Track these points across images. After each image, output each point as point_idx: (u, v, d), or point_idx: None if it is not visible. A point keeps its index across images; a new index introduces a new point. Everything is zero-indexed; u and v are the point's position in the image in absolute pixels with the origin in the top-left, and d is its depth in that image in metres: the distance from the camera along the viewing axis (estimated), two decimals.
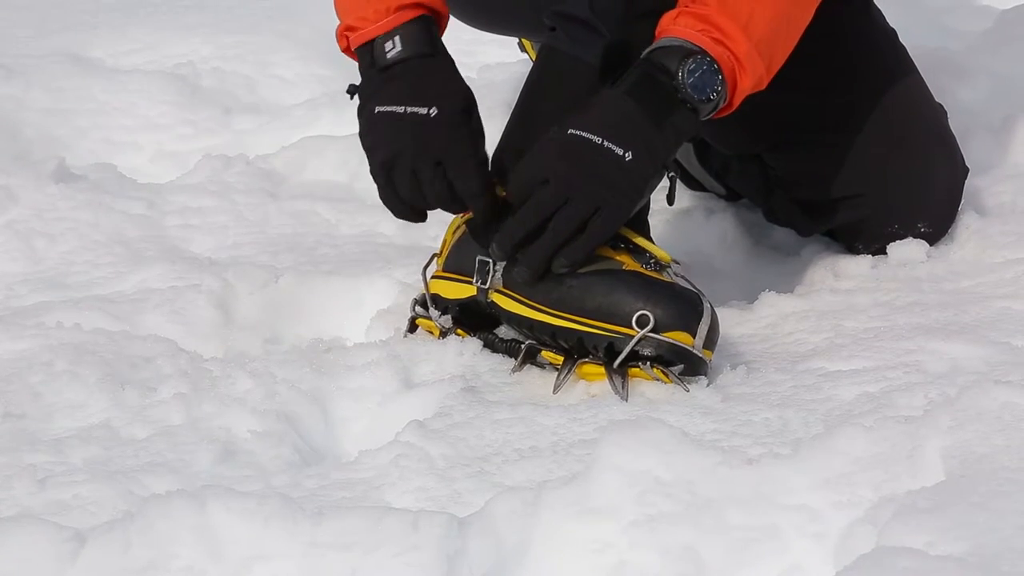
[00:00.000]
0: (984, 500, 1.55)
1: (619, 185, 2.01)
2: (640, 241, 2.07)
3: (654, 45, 2.06)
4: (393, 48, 2.11)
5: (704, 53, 2.03)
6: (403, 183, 2.09)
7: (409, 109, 2.08)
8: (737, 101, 2.09)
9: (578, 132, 2.01)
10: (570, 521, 1.64)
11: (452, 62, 2.13)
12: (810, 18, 2.16)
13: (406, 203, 2.11)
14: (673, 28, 2.05)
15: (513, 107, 2.17)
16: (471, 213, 2.09)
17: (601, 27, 2.07)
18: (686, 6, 2.06)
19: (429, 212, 2.14)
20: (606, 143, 2.00)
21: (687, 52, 2.03)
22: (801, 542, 1.63)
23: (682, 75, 2.02)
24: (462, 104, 2.08)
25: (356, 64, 2.17)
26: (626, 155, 2.00)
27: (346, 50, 2.18)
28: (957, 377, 1.96)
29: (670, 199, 2.13)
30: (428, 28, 2.12)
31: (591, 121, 2.02)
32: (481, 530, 1.63)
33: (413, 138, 2.08)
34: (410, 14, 2.11)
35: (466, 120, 2.08)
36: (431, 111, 2.07)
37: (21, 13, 3.82)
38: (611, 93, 2.03)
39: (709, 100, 2.05)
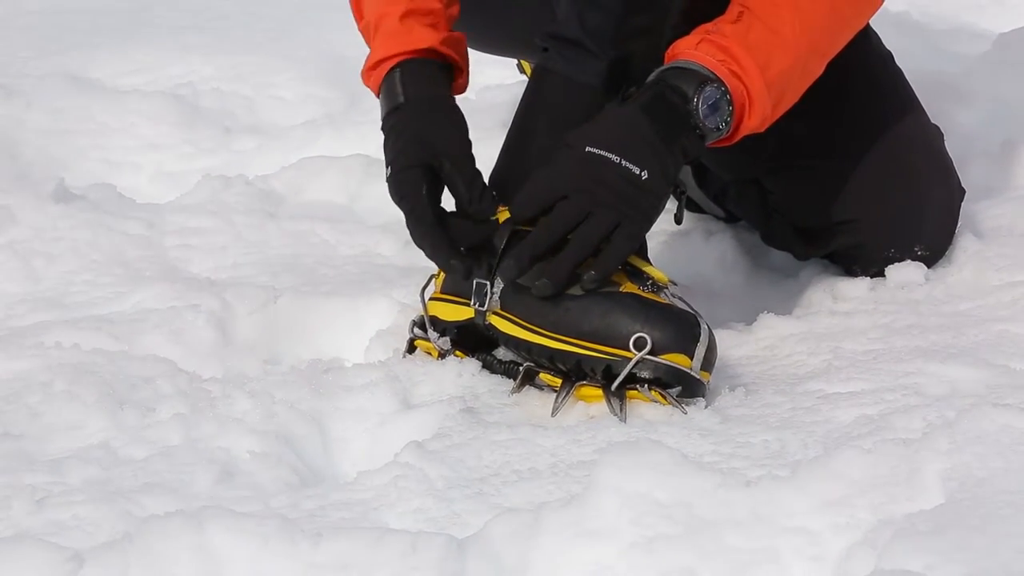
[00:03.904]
0: (983, 523, 1.55)
1: (637, 203, 2.02)
2: (637, 262, 2.07)
3: (669, 65, 2.07)
4: (381, 106, 2.15)
5: (720, 82, 2.05)
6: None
7: (387, 165, 2.12)
8: (738, 136, 2.10)
9: (595, 150, 2.02)
10: (569, 543, 1.64)
11: (420, 109, 2.11)
12: (822, 71, 2.18)
13: None
14: (693, 53, 2.06)
15: (508, 128, 2.18)
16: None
17: (594, 47, 2.07)
18: (707, 32, 2.08)
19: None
20: (623, 162, 2.01)
21: (704, 79, 2.05)
22: (800, 564, 1.63)
23: (697, 101, 2.04)
24: (413, 160, 2.08)
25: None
26: (642, 174, 2.01)
27: None
28: (956, 400, 1.96)
29: (678, 218, 2.15)
30: (401, 77, 2.12)
31: (607, 139, 2.02)
32: (480, 551, 1.63)
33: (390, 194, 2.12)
34: (384, 68, 2.14)
35: (415, 174, 2.07)
36: (387, 170, 2.10)
37: (22, 34, 3.83)
38: (624, 110, 2.04)
39: (718, 130, 2.06)
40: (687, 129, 2.04)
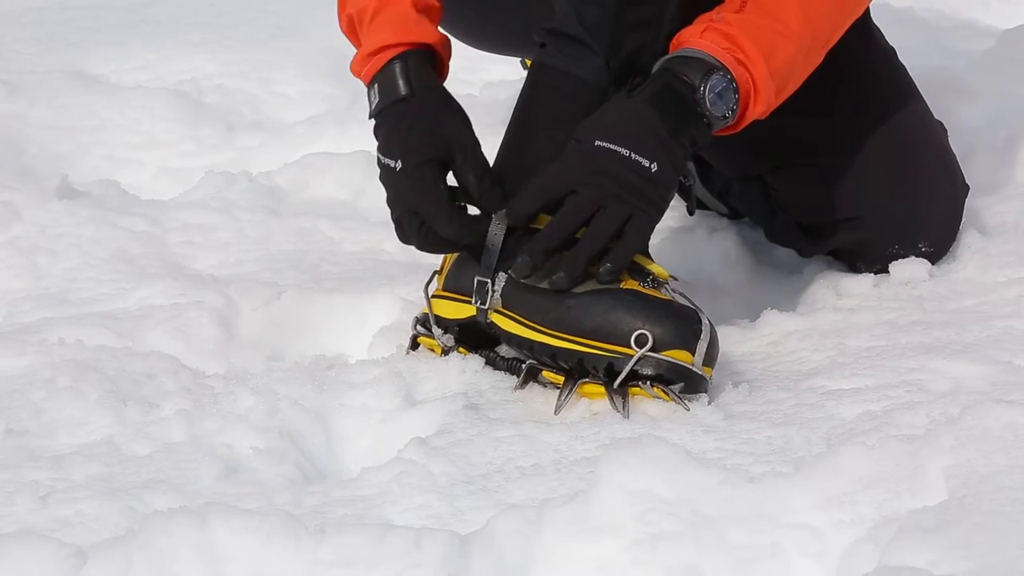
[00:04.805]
0: (986, 520, 1.55)
1: (648, 195, 2.02)
2: (638, 258, 2.07)
3: (674, 54, 2.07)
4: (375, 98, 2.13)
5: (726, 70, 2.05)
6: (400, 228, 2.11)
7: (384, 160, 2.10)
8: (743, 124, 2.10)
9: (604, 144, 2.02)
10: (572, 539, 1.64)
11: (430, 101, 2.10)
12: (821, 60, 2.18)
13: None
14: (699, 42, 2.06)
15: (507, 126, 2.18)
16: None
17: (592, 42, 2.07)
18: (711, 20, 2.08)
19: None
20: (633, 155, 2.01)
21: (710, 67, 2.05)
22: (803, 561, 1.63)
23: (704, 90, 2.04)
24: (428, 154, 2.07)
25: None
26: (652, 166, 2.02)
27: None
28: (959, 396, 1.96)
29: (691, 209, 2.15)
30: (404, 68, 2.11)
31: (615, 133, 2.02)
32: (483, 548, 1.63)
33: (391, 188, 2.10)
34: (385, 57, 2.11)
35: (431, 169, 2.06)
36: (397, 164, 2.08)
37: (25, 30, 3.83)
38: (631, 103, 2.04)
39: (724, 118, 2.06)
40: (695, 118, 2.04)
